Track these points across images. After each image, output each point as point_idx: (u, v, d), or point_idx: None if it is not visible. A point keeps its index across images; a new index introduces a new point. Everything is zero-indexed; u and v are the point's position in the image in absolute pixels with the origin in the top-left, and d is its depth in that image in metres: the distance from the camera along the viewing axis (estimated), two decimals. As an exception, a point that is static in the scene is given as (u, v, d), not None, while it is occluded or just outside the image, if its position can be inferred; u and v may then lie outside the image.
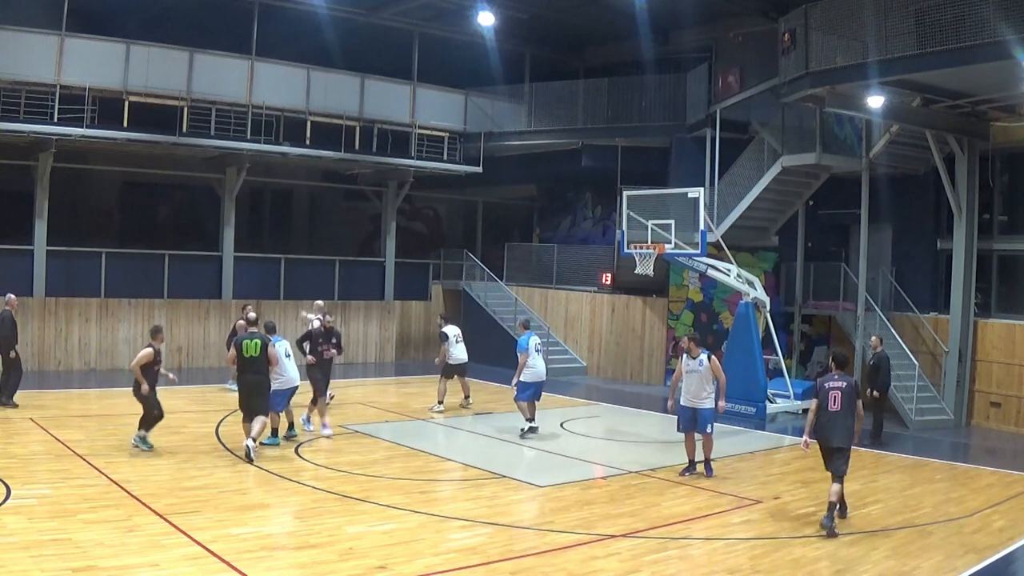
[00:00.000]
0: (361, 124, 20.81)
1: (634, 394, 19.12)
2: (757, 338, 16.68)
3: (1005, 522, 9.63)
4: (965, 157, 16.33)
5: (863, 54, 14.07)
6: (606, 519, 9.16)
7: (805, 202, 19.93)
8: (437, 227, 28.44)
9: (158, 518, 8.28)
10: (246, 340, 11.08)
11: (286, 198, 25.76)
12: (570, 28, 22.42)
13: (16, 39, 16.57)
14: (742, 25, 20.09)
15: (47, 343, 18.10)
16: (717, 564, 7.95)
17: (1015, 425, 16.06)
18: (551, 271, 23.73)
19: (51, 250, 18.11)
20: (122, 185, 22.45)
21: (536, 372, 13.45)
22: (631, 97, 21.48)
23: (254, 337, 11.14)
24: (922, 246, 18.27)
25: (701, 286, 20.19)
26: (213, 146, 18.91)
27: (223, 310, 20.13)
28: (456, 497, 9.83)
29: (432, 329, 24.51)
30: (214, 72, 18.60)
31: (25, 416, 13.03)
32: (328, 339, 13.18)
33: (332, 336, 13.31)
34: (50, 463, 10.30)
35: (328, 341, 13.16)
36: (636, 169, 21.76)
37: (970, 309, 16.61)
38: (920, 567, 7.98)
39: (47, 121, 16.70)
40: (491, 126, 22.67)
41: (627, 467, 11.63)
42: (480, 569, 7.47)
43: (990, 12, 12.46)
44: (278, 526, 8.36)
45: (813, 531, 9.01)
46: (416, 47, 21.66)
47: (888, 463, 12.89)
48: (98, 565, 6.94)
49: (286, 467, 10.68)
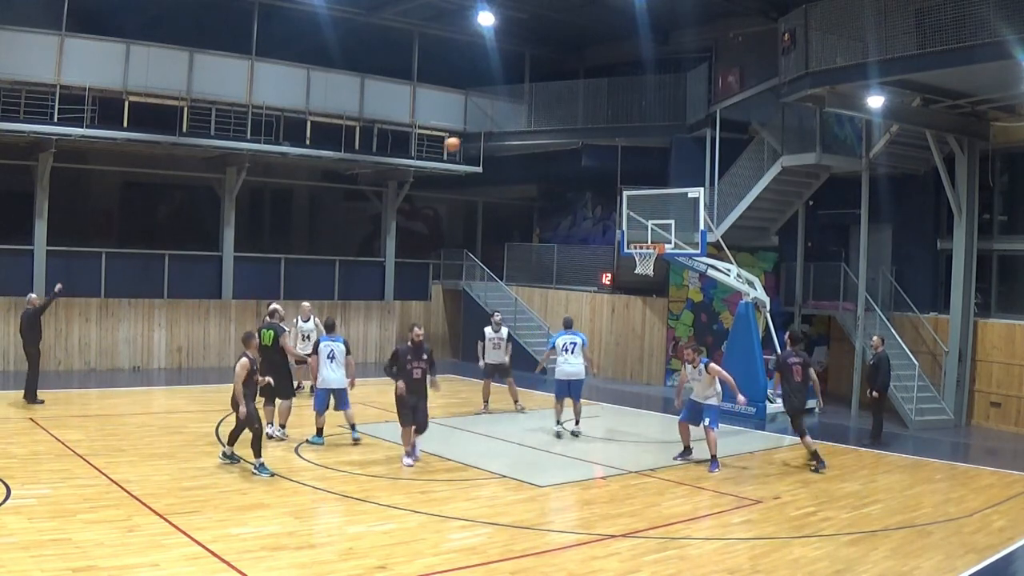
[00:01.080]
0: (361, 124, 20.80)
1: (634, 394, 19.12)
2: (757, 338, 16.68)
3: (1005, 522, 9.63)
4: (965, 157, 16.33)
5: (863, 54, 14.06)
6: (606, 519, 9.16)
7: (805, 202, 19.94)
8: (437, 227, 28.44)
9: (158, 518, 8.28)
10: (263, 330, 12.04)
11: (286, 198, 25.74)
12: (570, 28, 22.42)
13: (16, 39, 16.57)
14: (742, 25, 20.11)
15: (47, 343, 17.94)
16: (717, 564, 7.95)
17: (1015, 425, 16.06)
18: (551, 271, 23.73)
19: (51, 250, 18.10)
20: (122, 185, 22.44)
21: (562, 370, 13.33)
22: (631, 97, 21.48)
23: (270, 328, 12.09)
24: (922, 246, 18.28)
25: (701, 286, 20.19)
26: (213, 146, 18.91)
27: (223, 310, 20.14)
28: (456, 497, 9.82)
29: (432, 329, 24.56)
30: (214, 72, 18.60)
31: (25, 416, 13.03)
32: (418, 355, 11.23)
33: (422, 352, 11.28)
34: (50, 463, 10.29)
35: (418, 358, 11.21)
36: (636, 169, 21.76)
37: (970, 309, 16.61)
38: (920, 567, 7.98)
39: (47, 121, 16.69)
40: (491, 126, 22.67)
41: (627, 467, 11.63)
42: (480, 569, 7.47)
43: (990, 12, 12.47)
44: (278, 526, 8.35)
45: (813, 531, 9.01)
46: (416, 47, 21.66)
47: (888, 463, 12.89)
48: (98, 565, 6.94)
49: (286, 467, 10.68)
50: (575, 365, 13.35)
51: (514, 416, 15.28)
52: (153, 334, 19.39)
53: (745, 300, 16.81)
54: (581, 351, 13.41)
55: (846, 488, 11.05)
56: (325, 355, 12.05)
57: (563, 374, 13.36)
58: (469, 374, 19.70)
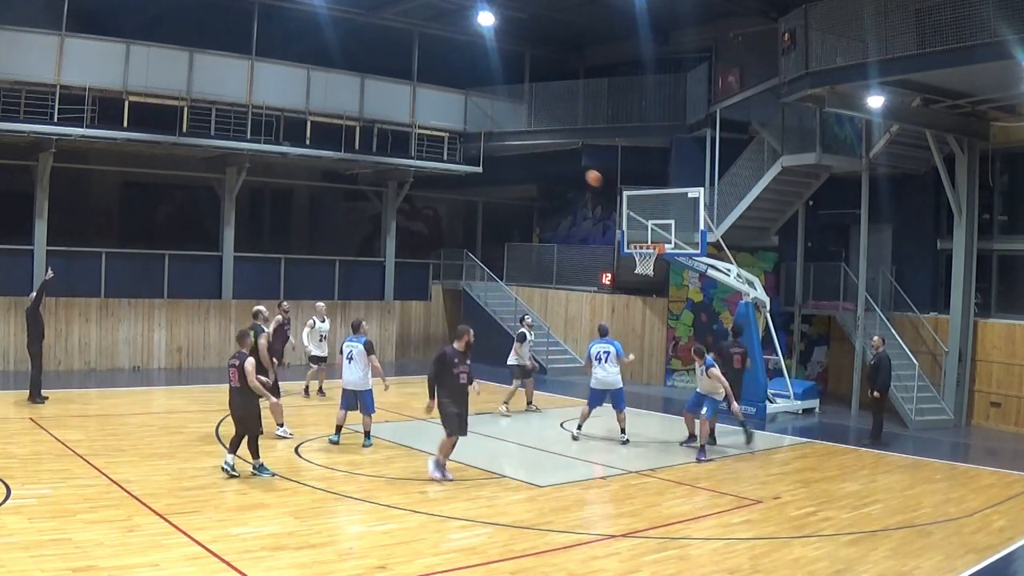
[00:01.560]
0: (361, 124, 20.80)
1: (634, 394, 19.04)
2: (757, 338, 16.67)
3: (1005, 522, 9.64)
4: (965, 157, 16.33)
5: (863, 54, 14.06)
6: (606, 519, 9.16)
7: (805, 202, 19.93)
8: (437, 227, 28.43)
9: (158, 518, 8.28)
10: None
11: (286, 198, 25.75)
12: (570, 28, 22.42)
13: (16, 39, 16.57)
14: (742, 25, 20.11)
15: (47, 343, 17.94)
16: (717, 564, 7.95)
17: (1015, 425, 16.06)
18: (551, 271, 23.73)
19: (51, 250, 18.08)
20: (122, 185, 22.44)
21: (598, 379, 13.11)
22: (631, 97, 21.48)
23: (252, 328, 11.76)
24: (922, 246, 18.27)
25: (701, 286, 20.18)
26: (213, 146, 18.91)
27: (223, 310, 20.14)
28: (456, 497, 9.82)
29: (432, 329, 24.57)
30: (214, 72, 18.60)
31: (25, 416, 13.03)
32: (464, 359, 10.39)
33: (467, 357, 10.47)
34: (50, 463, 10.29)
35: (464, 362, 10.38)
36: (636, 169, 21.76)
37: (970, 309, 16.61)
38: (920, 567, 7.97)
39: (47, 121, 16.70)
40: (491, 126, 22.67)
41: (627, 467, 11.64)
42: (480, 569, 7.47)
43: (990, 12, 12.46)
44: (278, 526, 8.35)
45: (813, 531, 9.01)
46: (416, 47, 21.66)
47: (888, 463, 12.89)
48: (98, 565, 6.94)
49: (286, 467, 10.68)
50: (612, 374, 13.09)
51: (515, 416, 15.28)
52: (153, 334, 19.39)
53: (745, 300, 16.81)
54: (616, 360, 13.12)
55: (846, 488, 11.05)
56: (345, 356, 12.05)
57: (599, 383, 13.13)
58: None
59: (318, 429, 13.08)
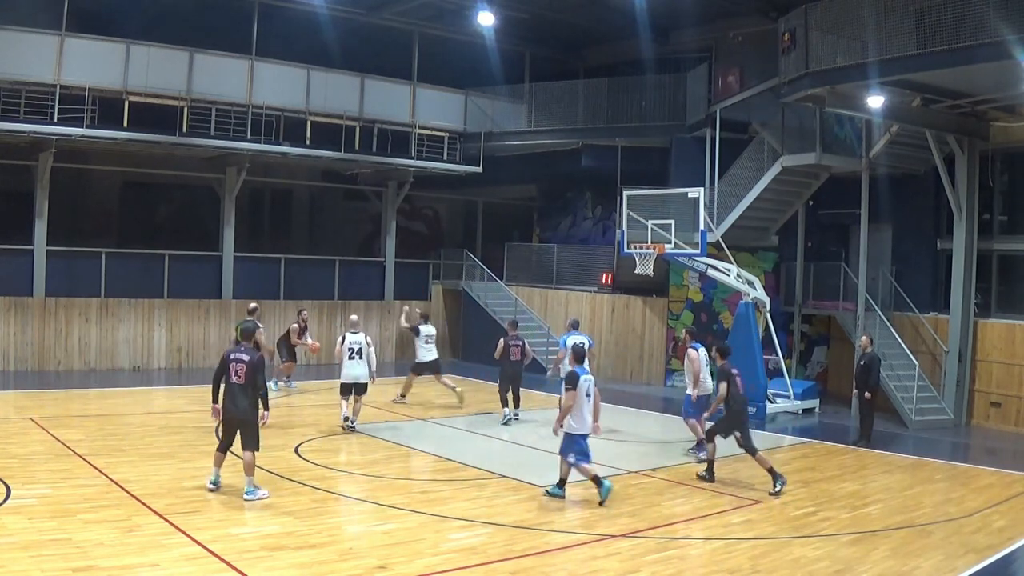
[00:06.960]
0: (361, 124, 20.80)
1: (634, 394, 19.10)
2: (757, 338, 16.68)
3: (1005, 522, 9.64)
4: (965, 157, 16.32)
5: (863, 54, 14.06)
6: (606, 519, 9.16)
7: (805, 202, 19.93)
8: (437, 227, 28.43)
9: (158, 518, 8.28)
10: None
11: (286, 198, 25.75)
12: (570, 28, 22.41)
13: (16, 39, 16.57)
14: (742, 25, 20.10)
15: (47, 343, 18.08)
16: (717, 564, 7.95)
17: (1015, 425, 16.06)
18: (551, 271, 23.72)
19: (51, 250, 18.11)
20: (122, 185, 22.44)
21: None
22: (631, 97, 21.48)
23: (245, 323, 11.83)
24: (922, 246, 18.27)
25: (701, 286, 20.18)
26: (213, 146, 18.91)
27: (223, 310, 20.14)
28: (456, 497, 9.82)
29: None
30: (214, 72, 18.60)
31: (25, 416, 13.03)
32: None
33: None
34: (50, 463, 10.30)
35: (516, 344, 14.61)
36: (636, 169, 21.75)
37: (970, 309, 16.61)
38: (920, 567, 7.98)
39: (47, 121, 16.69)
40: (491, 126, 22.67)
41: (627, 467, 11.63)
42: (480, 569, 7.47)
43: (990, 12, 12.46)
44: (278, 526, 8.35)
45: (813, 531, 9.01)
46: (416, 47, 21.66)
47: (888, 463, 12.89)
48: (98, 565, 6.94)
49: (286, 467, 10.68)
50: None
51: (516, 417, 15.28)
52: (153, 334, 19.39)
53: (745, 300, 16.81)
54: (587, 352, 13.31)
55: (846, 488, 11.06)
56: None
57: None
58: (470, 374, 19.74)
59: (318, 429, 13.09)
